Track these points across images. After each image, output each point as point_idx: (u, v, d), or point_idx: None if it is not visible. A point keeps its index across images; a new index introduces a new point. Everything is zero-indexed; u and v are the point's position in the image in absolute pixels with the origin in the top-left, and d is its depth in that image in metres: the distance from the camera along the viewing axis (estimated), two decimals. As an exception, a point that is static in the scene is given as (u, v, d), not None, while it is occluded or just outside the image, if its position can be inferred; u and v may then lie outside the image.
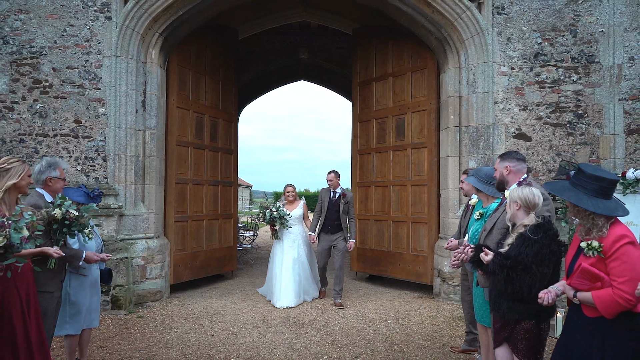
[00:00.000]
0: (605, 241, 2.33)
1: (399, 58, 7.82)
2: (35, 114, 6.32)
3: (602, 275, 2.27)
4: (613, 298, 2.22)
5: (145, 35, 6.56)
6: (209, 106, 7.91)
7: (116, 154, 6.36)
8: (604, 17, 6.49)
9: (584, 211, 2.40)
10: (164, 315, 6.02)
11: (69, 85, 6.36)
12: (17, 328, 2.94)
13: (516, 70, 6.60)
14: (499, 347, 2.91)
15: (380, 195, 8.02)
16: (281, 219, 6.71)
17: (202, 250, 7.68)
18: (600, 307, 2.24)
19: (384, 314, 6.19)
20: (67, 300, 3.77)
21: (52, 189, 3.65)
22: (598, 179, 2.43)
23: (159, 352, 4.69)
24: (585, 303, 2.34)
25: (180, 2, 6.58)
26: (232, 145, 8.67)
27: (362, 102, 8.45)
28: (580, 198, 2.41)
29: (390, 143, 7.86)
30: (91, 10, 6.40)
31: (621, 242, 2.29)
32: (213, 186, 8.01)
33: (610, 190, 2.45)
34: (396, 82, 7.83)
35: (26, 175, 3.18)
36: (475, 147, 6.62)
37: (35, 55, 6.33)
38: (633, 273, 2.23)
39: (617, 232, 2.35)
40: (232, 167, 8.71)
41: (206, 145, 7.83)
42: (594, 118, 6.53)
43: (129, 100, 6.43)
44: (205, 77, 7.80)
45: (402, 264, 7.63)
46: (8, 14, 6.31)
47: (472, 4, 6.59)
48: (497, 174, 3.56)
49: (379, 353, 4.72)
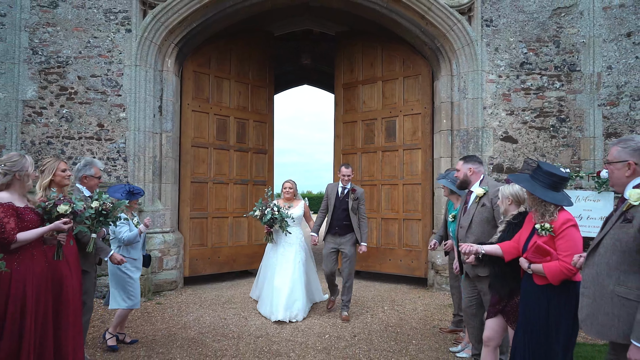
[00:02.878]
0: (555, 224, 2.89)
1: (390, 63, 8.27)
2: (61, 118, 6.91)
3: (551, 250, 2.82)
4: (559, 268, 2.77)
5: (162, 46, 7.14)
6: (234, 108, 8.36)
7: (136, 155, 6.94)
8: (585, 29, 7.03)
9: (538, 199, 2.95)
10: (180, 302, 6.59)
11: (92, 92, 6.94)
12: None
13: (503, 78, 7.15)
14: (492, 319, 3.42)
15: (367, 195, 8.45)
16: (282, 221, 5.97)
17: (225, 246, 8.14)
18: (549, 275, 2.79)
19: (380, 302, 6.74)
20: (126, 278, 4.44)
21: (88, 185, 4.24)
22: (551, 174, 2.98)
23: (178, 331, 5.26)
24: (537, 273, 2.89)
25: (193, 15, 7.17)
26: (266, 145, 8.99)
27: (346, 103, 8.79)
28: (536, 189, 2.95)
29: (380, 144, 8.29)
30: (113, 24, 6.98)
31: (567, 224, 2.86)
32: (241, 185, 8.37)
33: (560, 184, 2.99)
34: (386, 85, 8.29)
35: (59, 171, 3.74)
36: (466, 148, 7.17)
37: (61, 65, 6.91)
38: (575, 249, 2.80)
39: (564, 217, 2.91)
40: (266, 167, 8.98)
41: (231, 145, 8.28)
42: (575, 122, 7.07)
43: (147, 105, 7.01)
44: (229, 80, 8.28)
45: (393, 259, 8.09)
46: (37, 27, 6.89)
47: (463, 17, 7.15)
48: (460, 174, 4.08)
49: (375, 333, 5.28)
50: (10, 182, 3.12)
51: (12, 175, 3.10)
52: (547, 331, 2.82)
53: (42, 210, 3.20)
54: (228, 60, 8.34)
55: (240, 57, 8.50)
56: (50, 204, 3.20)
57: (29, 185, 3.22)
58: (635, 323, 2.22)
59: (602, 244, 2.45)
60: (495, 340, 3.41)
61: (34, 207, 3.20)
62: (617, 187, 2.56)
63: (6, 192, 3.09)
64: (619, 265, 2.33)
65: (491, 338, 3.41)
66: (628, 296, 2.29)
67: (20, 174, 3.12)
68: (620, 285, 2.32)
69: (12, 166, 3.10)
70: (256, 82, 8.80)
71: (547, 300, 2.84)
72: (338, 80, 8.97)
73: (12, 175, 3.10)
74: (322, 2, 7.73)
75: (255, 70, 8.78)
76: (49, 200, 3.25)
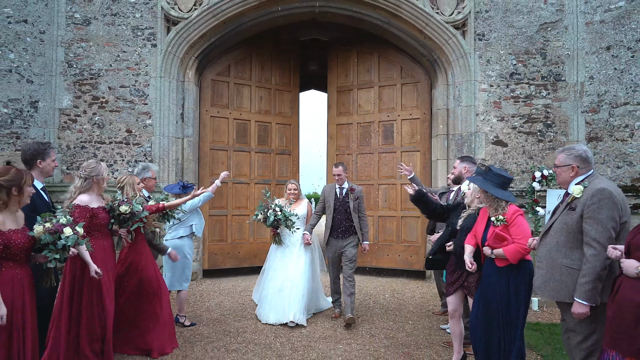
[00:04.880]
0: (507, 215, 3.60)
1: (387, 70, 8.88)
2: (94, 125, 7.66)
3: (507, 236, 3.52)
4: (517, 249, 3.46)
5: (184, 59, 7.88)
6: (256, 112, 8.98)
7: (160, 158, 7.67)
8: (569, 42, 7.68)
9: (492, 196, 3.66)
10: (201, 290, 7.32)
11: (121, 101, 7.69)
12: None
13: (494, 87, 7.82)
14: (453, 295, 4.14)
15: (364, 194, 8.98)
16: (286, 220, 5.74)
17: (246, 242, 8.78)
18: (509, 256, 3.48)
19: (382, 291, 7.44)
20: (186, 263, 5.22)
21: (147, 185, 4.99)
22: (500, 176, 3.72)
23: (203, 313, 5.99)
24: (498, 257, 3.57)
25: (212, 31, 7.90)
26: (290, 147, 9.47)
27: (340, 105, 9.23)
28: (489, 187, 3.66)
29: (377, 146, 8.89)
30: (140, 39, 7.73)
31: (516, 214, 3.59)
32: (263, 185, 8.85)
33: (507, 184, 3.74)
34: (383, 91, 8.89)
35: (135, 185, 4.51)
36: (460, 151, 7.84)
37: (94, 77, 7.66)
38: (525, 232, 3.52)
39: (512, 209, 3.64)
40: (290, 168, 9.41)
41: (252, 147, 8.91)
42: (560, 127, 7.72)
43: (171, 113, 7.76)
44: (250, 86, 8.91)
45: (391, 255, 8.70)
46: (72, 42, 7.64)
47: (458, 31, 7.83)
48: (456, 171, 4.80)
49: (376, 315, 5.98)
50: (90, 186, 3.85)
51: (91, 179, 3.83)
52: (508, 302, 3.52)
53: (109, 208, 3.95)
54: (248, 67, 8.92)
55: (261, 63, 9.04)
56: (115, 203, 3.95)
57: (104, 187, 3.95)
58: (577, 285, 2.93)
59: (552, 228, 3.16)
60: (459, 311, 4.18)
61: (105, 206, 3.95)
62: (563, 184, 3.26)
63: (86, 195, 3.82)
64: (566, 243, 3.04)
65: (456, 309, 4.17)
66: (572, 266, 3.01)
67: (97, 178, 3.86)
68: (567, 258, 3.03)
69: (90, 172, 3.83)
70: (279, 86, 9.26)
71: (506, 277, 3.54)
72: (332, 82, 9.32)
73: (91, 180, 3.83)
74: (330, 18, 8.43)
75: (278, 75, 9.24)
76: (115, 200, 4.00)
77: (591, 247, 2.90)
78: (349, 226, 5.81)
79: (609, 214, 2.86)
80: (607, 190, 2.92)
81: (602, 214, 2.87)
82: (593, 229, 2.89)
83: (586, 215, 2.91)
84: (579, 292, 2.92)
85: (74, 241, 3.27)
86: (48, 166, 3.89)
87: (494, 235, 3.55)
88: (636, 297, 2.40)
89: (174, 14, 7.67)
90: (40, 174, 3.87)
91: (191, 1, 7.73)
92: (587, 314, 2.90)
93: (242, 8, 7.77)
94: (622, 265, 2.53)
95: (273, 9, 8.00)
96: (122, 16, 7.68)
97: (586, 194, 2.98)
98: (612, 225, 2.86)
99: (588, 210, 2.91)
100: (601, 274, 2.87)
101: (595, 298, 2.89)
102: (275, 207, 5.77)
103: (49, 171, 3.96)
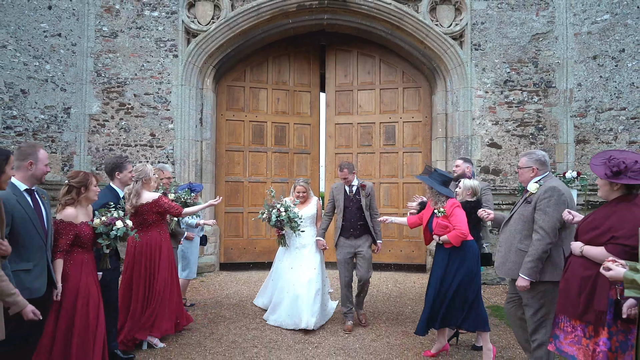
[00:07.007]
0: (446, 208, 4.34)
1: (389, 73, 9.41)
2: (120, 129, 8.36)
3: (449, 224, 4.29)
4: (457, 234, 4.22)
5: (202, 68, 8.57)
6: (272, 113, 9.44)
7: (181, 159, 8.37)
8: (559, 51, 8.28)
9: (435, 191, 4.41)
10: (219, 280, 8.01)
11: (146, 107, 8.38)
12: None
13: (490, 94, 8.44)
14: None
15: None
16: (291, 221, 5.46)
17: (263, 238, 9.35)
18: (452, 240, 4.24)
19: (385, 282, 8.08)
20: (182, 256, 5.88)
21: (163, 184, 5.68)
22: (443, 176, 4.50)
23: (222, 300, 6.67)
24: (444, 241, 4.34)
25: (228, 42, 8.57)
26: (309, 146, 9.74)
27: (340, 105, 9.50)
28: (434, 184, 4.42)
29: (379, 146, 9.44)
30: (162, 50, 8.42)
31: (454, 206, 4.34)
32: (281, 184, 9.42)
33: (448, 183, 4.51)
34: (384, 93, 9.43)
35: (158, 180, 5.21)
36: (458, 153, 8.46)
37: (120, 85, 8.37)
38: (462, 220, 4.26)
39: (450, 202, 4.38)
40: (309, 167, 9.69)
41: (268, 147, 9.46)
42: (551, 131, 8.32)
43: (191, 118, 8.45)
44: (266, 89, 9.46)
45: (392, 250, 9.24)
46: (101, 53, 8.35)
47: (455, 42, 8.46)
48: (459, 170, 5.45)
49: (379, 302, 6.64)
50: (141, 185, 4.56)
51: (141, 180, 4.52)
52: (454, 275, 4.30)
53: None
54: (265, 71, 9.44)
55: (278, 65, 9.51)
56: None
57: (152, 185, 4.64)
58: (522, 264, 3.57)
59: (512, 218, 3.82)
60: None
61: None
62: (524, 183, 3.92)
63: (145, 192, 4.59)
64: (522, 230, 3.68)
65: None
66: (525, 250, 3.65)
67: (145, 178, 4.55)
68: (521, 243, 3.67)
69: (139, 174, 4.53)
70: (297, 87, 9.57)
71: (448, 255, 4.36)
72: (330, 82, 9.55)
73: (141, 180, 4.52)
74: (337, 29, 9.08)
75: (296, 76, 9.56)
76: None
77: (537, 233, 3.53)
78: (362, 225, 5.45)
79: (556, 208, 3.48)
80: (557, 188, 3.56)
81: (550, 207, 3.49)
82: (541, 219, 3.53)
83: (538, 207, 3.55)
84: (523, 268, 3.56)
85: (122, 232, 3.95)
86: (125, 177, 4.51)
87: (438, 224, 4.36)
88: (580, 271, 3.01)
89: (194, 27, 8.36)
90: (120, 183, 4.52)
91: (209, 15, 8.42)
92: (527, 287, 3.54)
93: (256, 21, 8.44)
94: (571, 246, 3.15)
95: (284, 21, 8.67)
96: (146, 29, 8.37)
97: (540, 191, 3.61)
98: (557, 217, 3.48)
99: (540, 203, 3.54)
100: (542, 256, 3.50)
101: (535, 275, 3.51)
102: (280, 207, 5.51)
103: (127, 181, 4.57)
